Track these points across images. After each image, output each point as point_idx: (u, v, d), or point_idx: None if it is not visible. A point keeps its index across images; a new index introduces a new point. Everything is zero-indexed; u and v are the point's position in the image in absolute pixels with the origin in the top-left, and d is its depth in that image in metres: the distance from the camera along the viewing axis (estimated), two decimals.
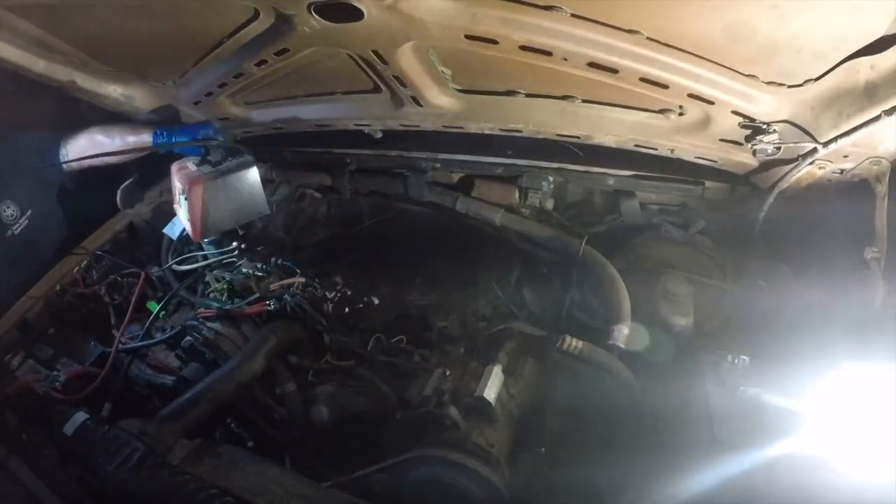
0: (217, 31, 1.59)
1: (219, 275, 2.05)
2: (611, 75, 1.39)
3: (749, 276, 1.76)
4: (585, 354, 1.52)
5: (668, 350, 1.59)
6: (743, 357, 1.35)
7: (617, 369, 1.51)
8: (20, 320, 2.00)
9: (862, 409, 1.17)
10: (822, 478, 1.10)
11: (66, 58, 1.82)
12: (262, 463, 1.45)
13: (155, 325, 2.06)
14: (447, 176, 2.23)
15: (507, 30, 1.31)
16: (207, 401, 1.58)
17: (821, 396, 1.21)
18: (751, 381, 1.31)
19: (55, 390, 1.75)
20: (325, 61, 1.66)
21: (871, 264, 1.41)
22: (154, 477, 1.31)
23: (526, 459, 1.46)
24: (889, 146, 1.35)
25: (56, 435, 1.52)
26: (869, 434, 1.14)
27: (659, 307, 1.67)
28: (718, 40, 1.21)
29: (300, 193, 2.65)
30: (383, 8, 1.29)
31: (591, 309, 1.81)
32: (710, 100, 1.39)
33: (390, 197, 2.36)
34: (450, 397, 1.42)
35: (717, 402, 1.30)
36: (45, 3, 1.52)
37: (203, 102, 2.12)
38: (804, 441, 1.16)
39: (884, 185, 1.39)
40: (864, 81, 1.21)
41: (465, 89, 1.73)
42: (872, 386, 1.18)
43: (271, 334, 1.76)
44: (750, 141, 1.50)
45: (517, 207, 2.10)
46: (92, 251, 2.27)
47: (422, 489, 1.37)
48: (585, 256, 1.87)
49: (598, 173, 1.93)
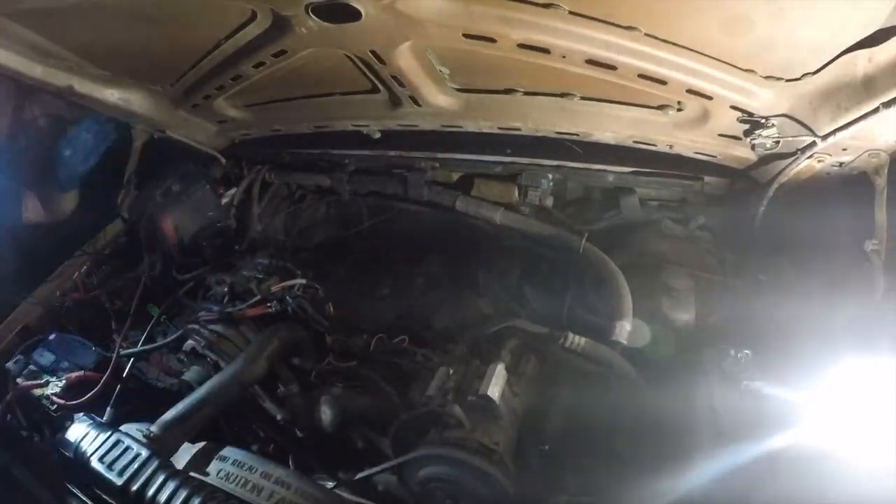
0: (214, 33, 1.59)
1: (220, 277, 2.05)
2: (609, 72, 1.39)
3: (750, 270, 1.76)
4: (588, 351, 1.52)
5: (669, 345, 1.59)
6: (745, 351, 1.36)
7: (620, 365, 1.51)
8: (21, 326, 2.00)
9: (864, 402, 1.17)
10: (824, 470, 1.10)
11: (64, 63, 1.82)
12: (266, 465, 1.45)
13: (156, 328, 2.06)
14: (446, 175, 2.23)
15: (505, 28, 1.31)
16: (210, 404, 1.58)
17: (823, 389, 1.22)
18: (753, 374, 1.31)
19: (57, 395, 1.74)
20: (323, 62, 1.66)
21: (871, 257, 1.41)
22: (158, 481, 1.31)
23: (530, 456, 1.46)
24: (888, 139, 1.35)
25: (58, 440, 1.53)
26: (871, 426, 1.14)
27: (660, 303, 1.67)
28: (716, 35, 1.21)
29: (299, 195, 2.66)
30: (381, 8, 1.29)
31: (593, 306, 1.81)
32: (709, 95, 1.40)
33: (390, 197, 2.36)
34: (453, 396, 1.42)
35: (720, 395, 1.30)
36: (42, 7, 1.52)
37: (201, 105, 2.12)
38: (807, 434, 1.16)
39: (883, 178, 1.40)
40: (862, 74, 1.21)
41: (463, 88, 1.73)
42: (874, 378, 1.19)
43: (273, 336, 1.76)
44: (749, 135, 1.50)
45: (517, 206, 2.10)
46: (92, 255, 2.27)
47: (427, 488, 1.37)
48: (586, 253, 1.87)
49: (597, 170, 1.92)
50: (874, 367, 1.19)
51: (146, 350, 1.95)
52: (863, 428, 1.14)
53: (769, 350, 1.38)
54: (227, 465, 1.46)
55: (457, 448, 1.33)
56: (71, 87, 1.90)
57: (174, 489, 1.29)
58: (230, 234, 2.48)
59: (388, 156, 2.23)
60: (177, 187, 2.33)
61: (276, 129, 2.25)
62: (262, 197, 2.55)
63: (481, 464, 1.30)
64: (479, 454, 1.32)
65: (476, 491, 1.32)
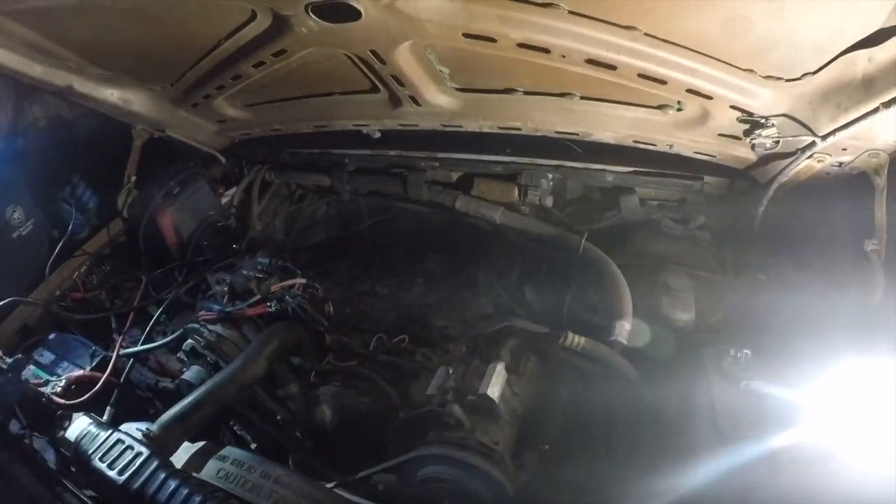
0: (214, 33, 1.59)
1: (220, 277, 2.05)
2: (609, 72, 1.39)
3: (749, 270, 1.76)
4: (588, 351, 1.52)
5: (669, 345, 1.59)
6: (745, 351, 1.36)
7: (619, 365, 1.51)
8: (21, 326, 2.00)
9: (863, 402, 1.17)
10: (824, 470, 1.10)
11: (63, 62, 1.82)
12: (266, 464, 1.45)
13: (156, 328, 2.06)
14: (446, 175, 2.23)
15: (505, 28, 1.31)
16: (210, 403, 1.57)
17: (823, 389, 1.22)
18: (753, 374, 1.31)
19: (57, 395, 1.74)
20: (323, 62, 1.66)
21: (871, 257, 1.41)
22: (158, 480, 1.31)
23: (530, 456, 1.46)
24: (887, 138, 1.35)
25: (58, 440, 1.52)
26: (871, 426, 1.14)
27: (660, 302, 1.67)
28: (716, 35, 1.22)
29: (299, 195, 2.66)
30: (381, 7, 1.29)
31: (593, 305, 1.81)
32: (709, 95, 1.40)
33: (389, 197, 2.36)
34: (453, 396, 1.42)
35: (720, 395, 1.30)
36: (42, 7, 1.52)
37: (201, 105, 2.12)
38: (807, 434, 1.16)
39: (882, 178, 1.40)
40: (862, 74, 1.22)
41: (463, 88, 1.73)
42: (874, 378, 1.18)
43: (273, 336, 1.76)
44: (748, 135, 1.50)
45: (517, 205, 2.10)
46: (92, 255, 2.27)
47: (426, 488, 1.37)
48: (586, 253, 1.87)
49: (597, 170, 1.93)
50: (874, 367, 1.19)
51: (146, 350, 1.95)
52: (863, 428, 1.14)
53: (769, 350, 1.37)
54: (226, 465, 1.46)
55: (456, 448, 1.33)
56: (71, 86, 1.90)
57: (174, 488, 1.29)
58: (230, 234, 2.48)
59: (388, 155, 2.23)
60: (177, 187, 2.33)
61: (276, 128, 2.25)
62: (262, 196, 2.56)
63: (481, 463, 1.30)
64: (479, 454, 1.32)
65: (476, 491, 1.32)
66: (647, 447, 1.38)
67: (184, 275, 2.24)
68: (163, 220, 2.28)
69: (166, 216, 2.28)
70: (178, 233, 2.32)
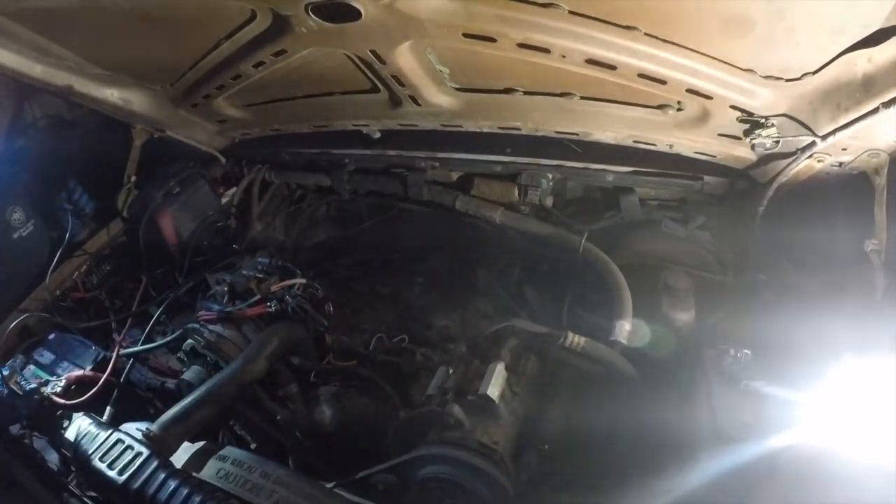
0: (214, 33, 1.59)
1: (220, 277, 2.05)
2: (609, 72, 1.39)
3: (750, 270, 1.76)
4: (588, 351, 1.52)
5: (669, 345, 1.59)
6: (745, 350, 1.36)
7: (619, 365, 1.51)
8: (21, 326, 2.00)
9: (864, 401, 1.17)
10: (824, 470, 1.10)
11: (63, 62, 1.82)
12: (266, 464, 1.45)
13: (156, 328, 2.06)
14: (446, 175, 2.23)
15: (505, 28, 1.31)
16: (210, 403, 1.58)
17: (823, 389, 1.21)
18: (753, 374, 1.31)
19: (57, 395, 1.75)
20: (323, 62, 1.66)
21: (871, 256, 1.41)
22: (158, 480, 1.31)
23: (530, 456, 1.46)
24: (887, 138, 1.35)
25: (58, 439, 1.53)
26: (871, 425, 1.14)
27: (660, 302, 1.67)
28: (716, 35, 1.22)
29: (299, 195, 2.66)
30: (381, 7, 1.29)
31: (593, 305, 1.81)
32: (709, 95, 1.40)
33: (389, 197, 2.36)
34: (453, 395, 1.42)
35: (720, 395, 1.30)
36: (42, 7, 1.52)
37: (201, 105, 2.12)
38: (807, 433, 1.16)
39: (882, 178, 1.40)
40: (862, 74, 1.21)
41: (463, 88, 1.73)
42: (874, 378, 1.18)
43: (273, 336, 1.76)
44: (748, 135, 1.50)
45: (517, 205, 2.10)
46: (92, 255, 2.27)
47: (426, 488, 1.37)
48: (586, 253, 1.87)
49: (597, 170, 1.92)
50: (874, 367, 1.19)
51: (146, 350, 1.95)
52: (863, 428, 1.14)
53: (769, 350, 1.37)
54: (226, 465, 1.46)
55: (456, 448, 1.33)
56: (71, 86, 1.90)
57: (174, 488, 1.29)
58: (230, 234, 2.48)
59: (387, 155, 2.23)
60: (177, 187, 2.34)
61: (276, 128, 2.25)
62: (262, 196, 2.56)
63: (481, 463, 1.30)
64: (479, 454, 1.32)
65: (476, 491, 1.32)
66: (647, 447, 1.37)
67: (184, 275, 2.24)
68: (163, 220, 2.28)
69: (166, 216, 2.29)
70: (178, 233, 2.32)
